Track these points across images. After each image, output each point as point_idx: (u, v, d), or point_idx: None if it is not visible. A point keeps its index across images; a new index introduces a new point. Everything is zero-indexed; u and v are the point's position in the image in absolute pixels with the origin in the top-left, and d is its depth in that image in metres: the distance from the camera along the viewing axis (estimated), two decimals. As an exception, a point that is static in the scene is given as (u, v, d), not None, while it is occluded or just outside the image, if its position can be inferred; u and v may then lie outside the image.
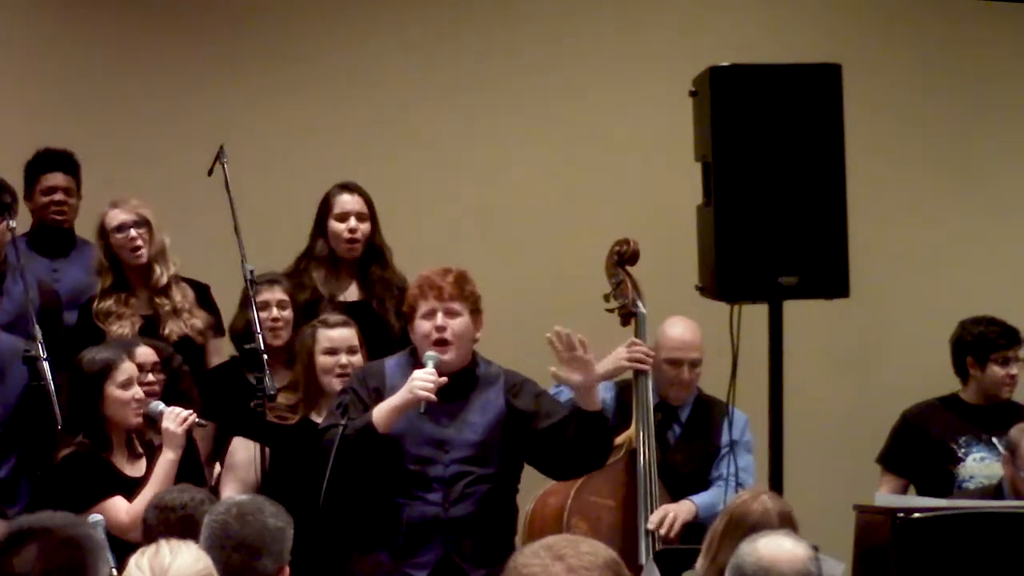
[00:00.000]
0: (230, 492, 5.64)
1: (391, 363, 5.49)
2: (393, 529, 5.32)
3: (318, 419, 5.69)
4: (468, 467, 5.34)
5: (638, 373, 6.06)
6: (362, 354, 5.85)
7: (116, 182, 6.80)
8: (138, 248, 6.25)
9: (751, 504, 4.56)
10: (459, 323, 5.38)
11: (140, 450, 5.58)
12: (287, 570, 3.97)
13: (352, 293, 6.36)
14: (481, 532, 5.29)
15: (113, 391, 5.51)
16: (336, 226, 6.32)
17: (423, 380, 5.24)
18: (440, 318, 5.36)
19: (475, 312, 5.43)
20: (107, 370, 5.54)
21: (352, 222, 6.31)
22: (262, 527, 3.96)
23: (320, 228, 6.36)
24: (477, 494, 5.33)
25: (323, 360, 5.83)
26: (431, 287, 5.38)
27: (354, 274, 6.37)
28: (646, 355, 6.05)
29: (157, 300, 6.24)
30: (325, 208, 6.36)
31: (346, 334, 5.85)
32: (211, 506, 4.12)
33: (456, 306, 5.37)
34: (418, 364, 5.38)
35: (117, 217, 6.27)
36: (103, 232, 6.28)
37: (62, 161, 6.63)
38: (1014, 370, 6.57)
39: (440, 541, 5.29)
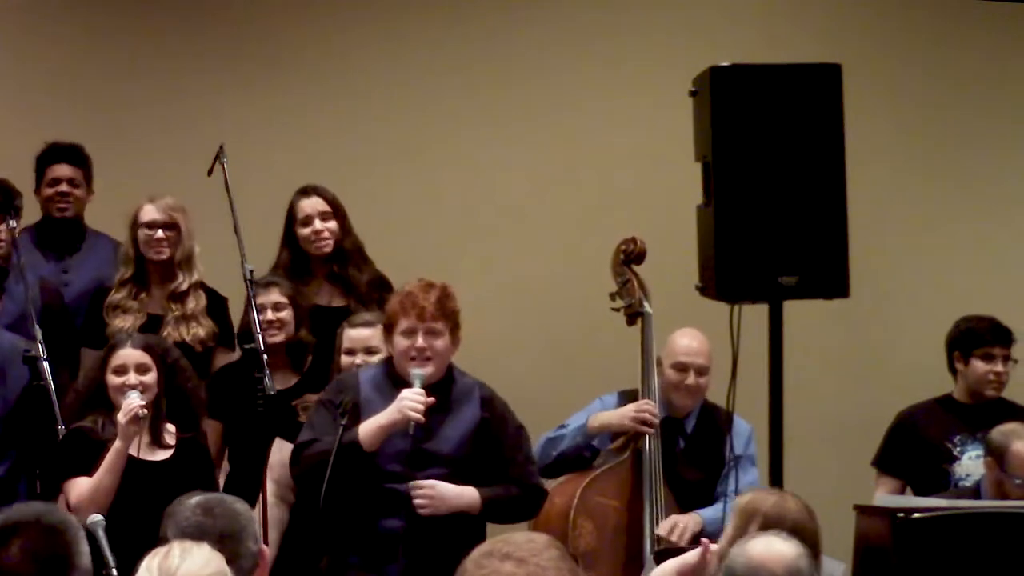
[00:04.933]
0: (270, 491, 5.71)
1: (365, 375, 5.48)
2: (363, 539, 5.32)
3: None
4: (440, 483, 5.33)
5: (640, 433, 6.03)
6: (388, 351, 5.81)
7: (116, 182, 6.80)
8: (161, 249, 6.25)
9: (784, 504, 4.52)
10: (440, 342, 5.35)
11: (168, 441, 5.60)
12: (266, 549, 4.01)
13: (323, 296, 6.36)
14: (450, 547, 5.25)
15: (108, 375, 5.57)
16: (302, 231, 6.36)
17: (413, 401, 5.23)
18: (421, 339, 5.33)
19: (455, 329, 5.40)
20: (108, 353, 5.62)
21: (316, 224, 6.33)
22: (233, 513, 3.98)
23: (287, 237, 6.39)
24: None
25: (343, 359, 5.86)
26: (413, 305, 5.34)
27: (324, 276, 6.38)
28: (653, 415, 6.03)
29: (172, 305, 6.23)
30: (290, 217, 6.39)
31: (365, 334, 5.85)
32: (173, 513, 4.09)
33: (438, 326, 5.34)
34: (393, 376, 5.38)
35: (149, 213, 6.27)
36: (134, 223, 6.28)
37: (68, 153, 6.63)
38: (998, 367, 6.55)
39: (406, 554, 5.27)
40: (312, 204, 6.36)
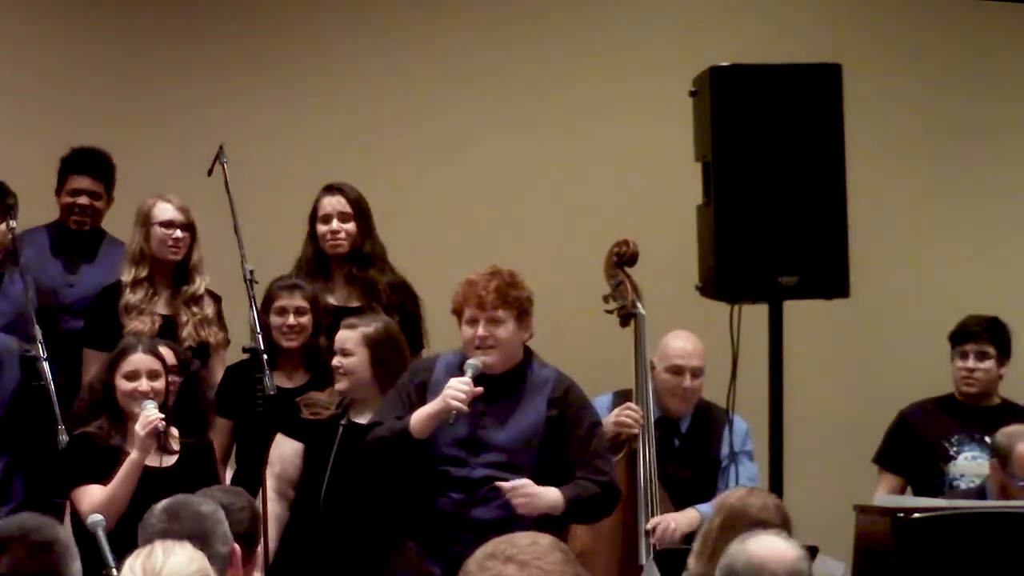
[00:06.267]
0: (269, 486, 5.72)
1: (443, 360, 5.53)
2: (421, 522, 5.36)
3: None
4: (497, 472, 5.34)
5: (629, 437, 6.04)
6: (366, 355, 5.83)
7: (117, 182, 6.78)
8: (178, 249, 6.23)
9: (749, 499, 4.53)
10: (502, 330, 5.39)
11: (173, 446, 5.59)
12: (238, 549, 3.99)
13: (340, 296, 6.36)
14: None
15: (119, 379, 5.54)
16: (320, 228, 6.35)
17: (456, 390, 5.27)
18: (482, 327, 5.38)
19: (522, 315, 5.43)
20: (118, 357, 5.58)
21: (334, 223, 6.33)
22: (198, 516, 3.96)
23: (311, 233, 6.38)
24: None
25: (334, 360, 5.88)
26: (473, 294, 5.39)
27: (343, 277, 6.38)
28: (636, 421, 6.03)
29: (192, 307, 6.22)
30: (313, 212, 6.38)
31: (342, 335, 5.88)
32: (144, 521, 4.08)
33: (499, 314, 5.38)
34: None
35: (167, 212, 6.24)
36: (146, 220, 6.23)
37: (92, 163, 6.56)
38: (970, 363, 6.55)
39: (462, 539, 5.27)
40: (333, 203, 6.34)
